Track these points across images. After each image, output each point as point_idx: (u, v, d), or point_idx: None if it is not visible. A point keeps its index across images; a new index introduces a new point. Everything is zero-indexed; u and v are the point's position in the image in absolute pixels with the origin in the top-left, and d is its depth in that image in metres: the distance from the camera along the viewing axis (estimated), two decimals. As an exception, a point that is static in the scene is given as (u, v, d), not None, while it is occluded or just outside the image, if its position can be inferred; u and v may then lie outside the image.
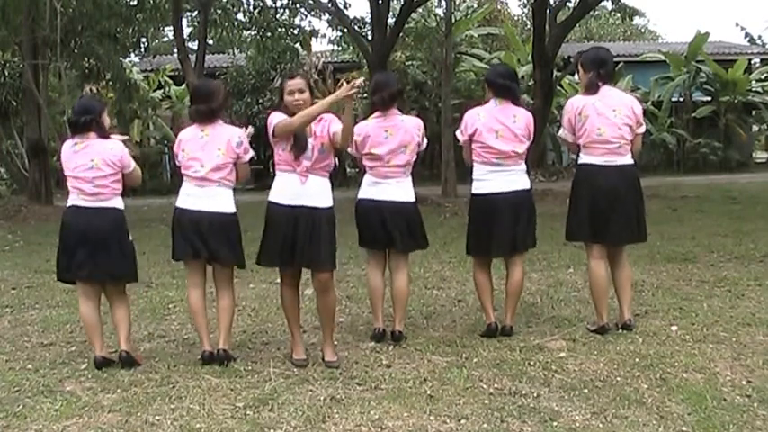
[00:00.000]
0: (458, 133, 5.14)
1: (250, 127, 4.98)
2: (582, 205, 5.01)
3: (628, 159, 4.98)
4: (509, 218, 4.95)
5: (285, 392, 4.05)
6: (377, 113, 4.99)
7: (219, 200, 4.60)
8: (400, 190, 4.92)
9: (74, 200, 4.64)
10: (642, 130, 5.05)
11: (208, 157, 4.57)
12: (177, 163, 4.78)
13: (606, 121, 4.89)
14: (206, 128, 4.63)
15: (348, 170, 21.56)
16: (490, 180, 4.98)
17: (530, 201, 5.09)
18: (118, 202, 4.69)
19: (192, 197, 4.60)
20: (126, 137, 4.99)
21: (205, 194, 4.57)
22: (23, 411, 3.92)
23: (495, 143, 4.93)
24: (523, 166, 5.07)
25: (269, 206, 4.52)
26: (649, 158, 21.91)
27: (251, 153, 4.73)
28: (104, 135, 4.70)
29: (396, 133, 4.90)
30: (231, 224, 4.66)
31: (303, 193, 4.42)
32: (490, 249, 5.06)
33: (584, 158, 5.01)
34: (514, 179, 4.99)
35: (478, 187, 5.04)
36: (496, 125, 4.94)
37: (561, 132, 5.21)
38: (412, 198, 4.99)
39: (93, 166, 4.57)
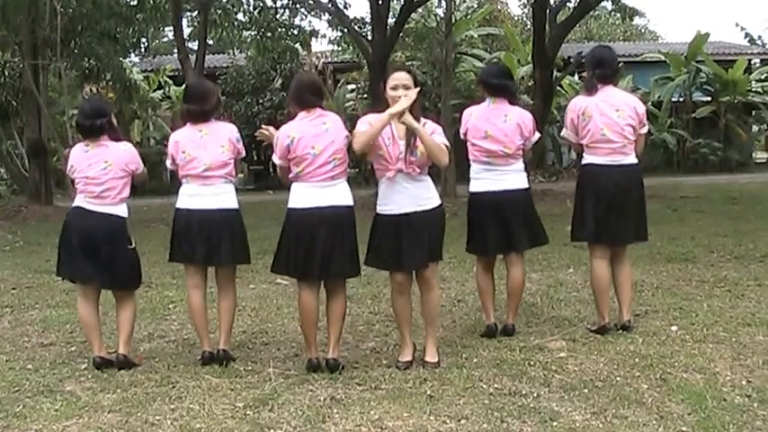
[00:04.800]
0: (460, 129, 5.14)
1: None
2: (586, 205, 5.00)
3: (632, 159, 4.98)
4: (503, 216, 4.94)
5: (285, 392, 4.05)
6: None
7: (225, 197, 4.61)
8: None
9: (79, 201, 4.63)
10: (645, 130, 5.05)
11: (210, 155, 4.57)
12: (172, 166, 4.74)
13: (609, 122, 4.88)
14: (202, 126, 4.63)
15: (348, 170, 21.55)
16: (485, 179, 4.98)
17: (526, 199, 5.06)
18: (122, 210, 4.66)
19: (197, 197, 4.58)
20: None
21: (210, 192, 4.57)
22: (23, 411, 3.91)
23: (484, 143, 4.94)
24: (519, 165, 5.04)
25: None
26: (649, 159, 21.84)
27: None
28: (117, 137, 4.70)
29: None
30: (237, 221, 4.67)
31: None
32: (487, 247, 5.05)
33: (588, 158, 5.01)
34: (508, 178, 4.97)
35: (475, 186, 5.04)
36: (486, 125, 4.94)
37: (564, 132, 5.21)
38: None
39: (107, 167, 4.57)
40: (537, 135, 5.11)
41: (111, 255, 4.56)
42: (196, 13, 17.69)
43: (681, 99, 24.18)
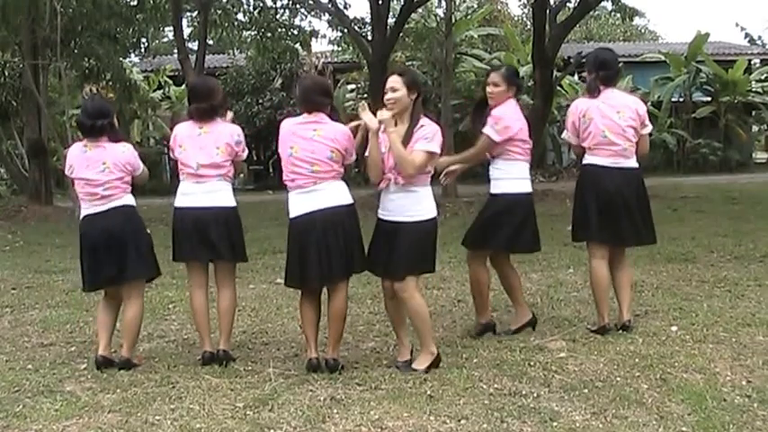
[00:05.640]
0: (492, 133, 4.82)
1: (230, 113, 4.91)
2: (587, 206, 5.00)
3: (632, 163, 4.98)
4: (524, 216, 4.95)
5: (285, 392, 4.05)
6: None
7: (219, 195, 4.59)
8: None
9: (86, 208, 4.63)
10: (647, 130, 5.04)
11: (206, 155, 4.56)
12: (173, 156, 4.77)
13: (610, 123, 4.89)
14: (204, 125, 4.61)
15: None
16: (527, 179, 4.97)
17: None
18: (129, 199, 4.68)
19: (190, 195, 4.59)
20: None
21: (204, 190, 4.56)
22: (23, 411, 3.92)
23: (528, 141, 4.97)
24: None
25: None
26: (649, 159, 21.79)
27: (247, 151, 4.77)
28: (117, 138, 4.70)
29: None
30: (233, 218, 4.65)
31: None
32: (506, 244, 5.01)
33: (589, 159, 5.01)
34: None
35: (516, 186, 4.91)
36: (524, 121, 4.96)
37: (565, 134, 5.22)
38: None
39: (106, 169, 4.56)
40: None
41: (127, 246, 4.56)
42: (196, 13, 17.69)
43: (681, 99, 24.18)
